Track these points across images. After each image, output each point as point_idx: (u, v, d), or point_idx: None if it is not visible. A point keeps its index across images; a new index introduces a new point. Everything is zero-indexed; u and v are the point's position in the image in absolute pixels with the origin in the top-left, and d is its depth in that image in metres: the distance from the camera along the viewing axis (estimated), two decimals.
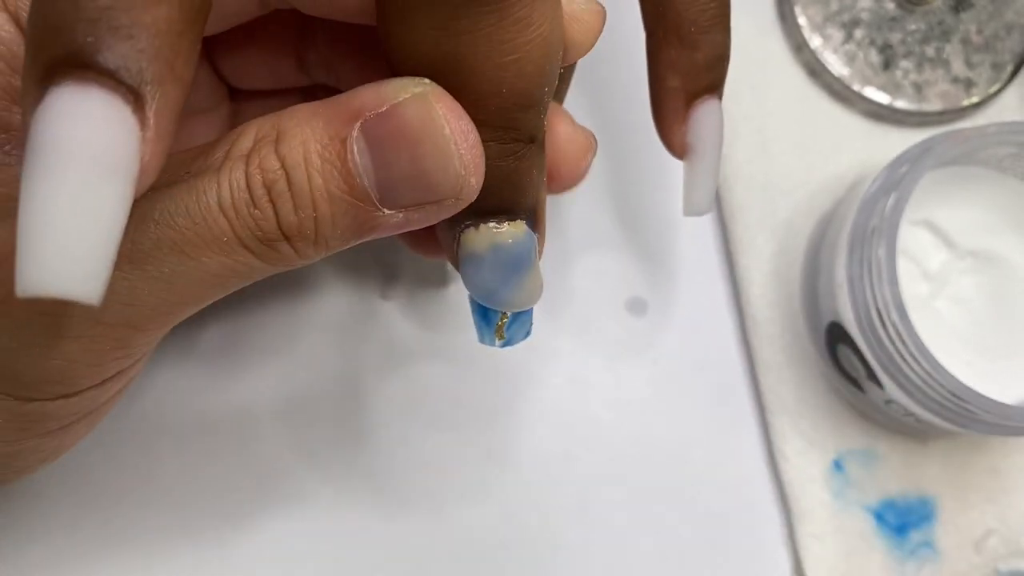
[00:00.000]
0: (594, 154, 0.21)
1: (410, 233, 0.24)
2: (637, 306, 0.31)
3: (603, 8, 0.19)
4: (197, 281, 0.16)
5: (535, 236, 0.19)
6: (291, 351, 0.30)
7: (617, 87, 0.33)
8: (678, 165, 0.33)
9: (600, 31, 0.19)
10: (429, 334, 0.31)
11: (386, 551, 0.29)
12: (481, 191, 0.17)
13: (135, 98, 0.13)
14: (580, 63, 0.22)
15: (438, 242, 0.23)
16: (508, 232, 0.18)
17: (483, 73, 0.16)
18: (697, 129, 0.24)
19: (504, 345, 0.20)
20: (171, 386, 0.29)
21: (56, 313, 0.16)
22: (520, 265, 0.18)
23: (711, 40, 0.23)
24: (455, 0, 0.15)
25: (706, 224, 0.32)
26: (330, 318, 0.30)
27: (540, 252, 0.20)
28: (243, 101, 0.25)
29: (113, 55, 0.13)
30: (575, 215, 0.32)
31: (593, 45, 0.20)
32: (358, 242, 0.17)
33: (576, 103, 0.32)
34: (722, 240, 0.32)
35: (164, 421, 0.29)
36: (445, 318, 0.31)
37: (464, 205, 0.17)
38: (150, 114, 0.13)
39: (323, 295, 0.30)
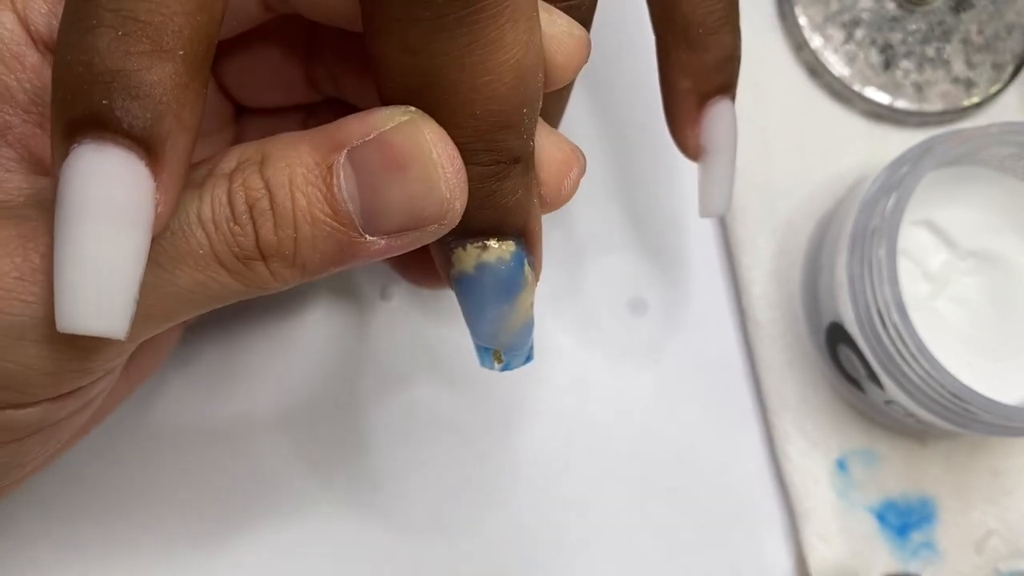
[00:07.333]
0: (581, 171, 0.19)
1: (407, 265, 0.24)
2: (639, 306, 0.31)
3: (586, 35, 0.19)
4: (167, 296, 0.16)
5: (525, 258, 0.18)
6: (291, 350, 0.30)
7: (619, 88, 0.33)
8: (679, 166, 0.33)
9: (583, 58, 0.19)
10: (429, 334, 0.30)
11: (386, 549, 0.29)
12: (466, 213, 0.17)
13: (147, 152, 0.14)
14: (585, 66, 0.22)
15: (432, 273, 0.22)
16: (494, 251, 0.18)
17: (458, 95, 0.16)
18: (710, 130, 0.24)
19: (504, 369, 0.20)
20: (167, 388, 0.29)
21: (14, 314, 0.15)
22: (509, 288, 0.18)
23: (719, 41, 0.23)
24: (426, 23, 0.15)
25: (707, 224, 0.32)
26: (330, 318, 0.30)
27: (536, 276, 0.19)
28: (248, 124, 0.24)
29: (125, 114, 0.14)
30: (577, 215, 0.32)
31: (576, 71, 0.19)
32: (336, 270, 0.17)
33: (579, 105, 0.32)
34: (723, 240, 0.32)
35: (163, 425, 0.29)
36: (445, 318, 0.31)
37: (446, 231, 0.17)
38: (162, 164, 0.15)
39: (323, 294, 0.30)
